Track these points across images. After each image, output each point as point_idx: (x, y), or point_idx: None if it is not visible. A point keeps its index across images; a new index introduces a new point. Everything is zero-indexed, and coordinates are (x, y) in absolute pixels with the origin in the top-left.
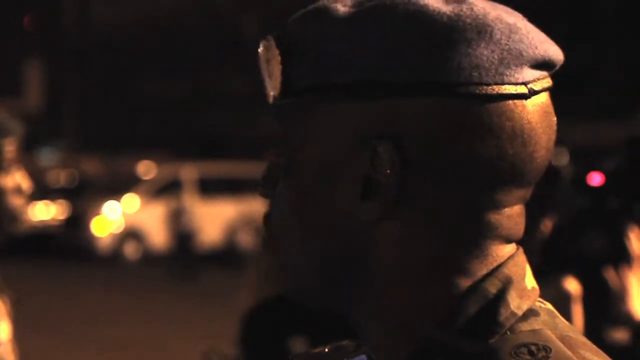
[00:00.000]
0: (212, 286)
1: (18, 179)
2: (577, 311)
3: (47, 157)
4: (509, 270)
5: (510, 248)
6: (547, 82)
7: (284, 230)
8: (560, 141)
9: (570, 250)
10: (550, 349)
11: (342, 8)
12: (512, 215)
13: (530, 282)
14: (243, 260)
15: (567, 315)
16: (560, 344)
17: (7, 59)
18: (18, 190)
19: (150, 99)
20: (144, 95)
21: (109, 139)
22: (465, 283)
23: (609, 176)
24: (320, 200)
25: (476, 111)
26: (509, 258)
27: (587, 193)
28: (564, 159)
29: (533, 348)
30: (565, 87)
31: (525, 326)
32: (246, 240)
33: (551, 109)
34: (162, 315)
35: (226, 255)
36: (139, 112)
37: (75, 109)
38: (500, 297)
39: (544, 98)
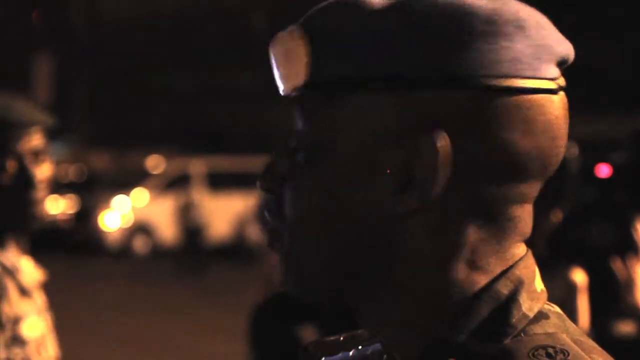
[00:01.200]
0: (221, 280)
1: (47, 170)
2: (584, 302)
3: (56, 151)
4: (520, 271)
5: (523, 248)
6: (563, 80)
7: (302, 224)
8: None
9: (577, 241)
10: (568, 353)
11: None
12: (530, 210)
13: (539, 284)
14: (252, 254)
15: (573, 306)
16: (577, 348)
17: (16, 53)
18: (46, 183)
19: (159, 93)
20: (152, 90)
21: (118, 133)
22: (481, 281)
23: (617, 168)
24: (351, 193)
25: (514, 104)
26: (519, 259)
27: (595, 185)
28: (573, 151)
29: (551, 351)
30: (575, 79)
31: (538, 329)
32: (255, 234)
33: (567, 106)
34: (171, 309)
35: (235, 250)
36: (147, 107)
37: (84, 103)
38: (512, 298)
39: (563, 94)
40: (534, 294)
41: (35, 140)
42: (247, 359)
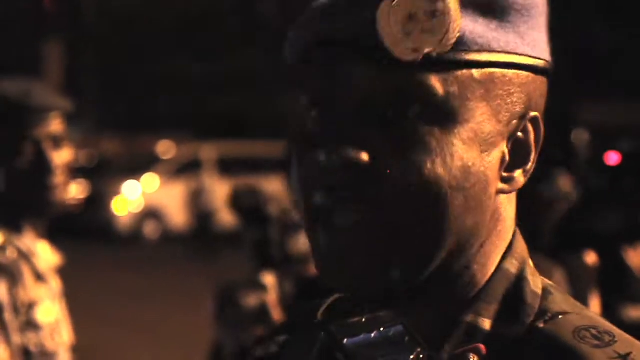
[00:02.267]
0: (232, 265)
1: (67, 156)
2: (594, 289)
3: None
4: (521, 249)
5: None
6: None
7: (411, 200)
8: (578, 122)
9: (587, 228)
10: (613, 333)
11: None
12: None
13: (530, 260)
14: None
15: (583, 292)
16: (614, 327)
17: (27, 39)
18: (65, 168)
19: (169, 79)
20: (163, 76)
21: (128, 118)
22: (495, 262)
23: (626, 156)
24: (476, 167)
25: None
26: (512, 237)
27: (604, 172)
28: (584, 138)
29: (594, 332)
30: (585, 67)
31: (554, 306)
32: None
33: None
34: (181, 294)
35: None
36: (158, 92)
37: (94, 89)
38: (521, 277)
39: None
40: (533, 270)
41: (55, 125)
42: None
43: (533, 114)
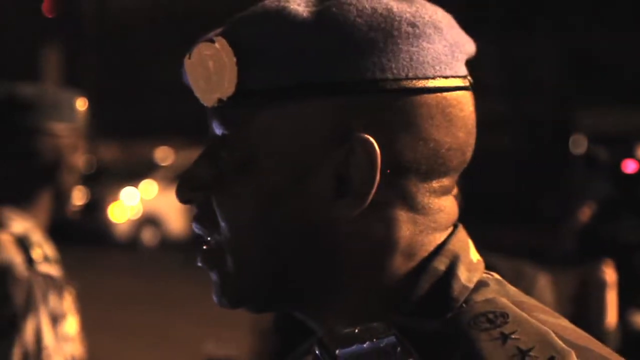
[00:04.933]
0: None
1: (77, 161)
2: (612, 298)
3: None
4: (453, 246)
5: (451, 228)
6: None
7: (242, 234)
8: (579, 128)
9: (604, 236)
10: (508, 315)
11: (300, 8)
12: (453, 200)
13: (474, 255)
14: None
15: (601, 301)
16: (516, 309)
17: (24, 44)
18: (74, 171)
19: (167, 85)
20: (161, 82)
21: (126, 125)
22: (418, 266)
23: None
24: (289, 198)
25: (437, 103)
26: (450, 235)
27: (621, 180)
28: (582, 146)
29: (491, 316)
30: (605, 73)
31: (478, 297)
32: None
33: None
34: (179, 301)
35: None
36: (156, 99)
37: (92, 95)
38: (450, 272)
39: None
40: (471, 265)
41: (67, 137)
42: (266, 346)
43: (359, 135)
